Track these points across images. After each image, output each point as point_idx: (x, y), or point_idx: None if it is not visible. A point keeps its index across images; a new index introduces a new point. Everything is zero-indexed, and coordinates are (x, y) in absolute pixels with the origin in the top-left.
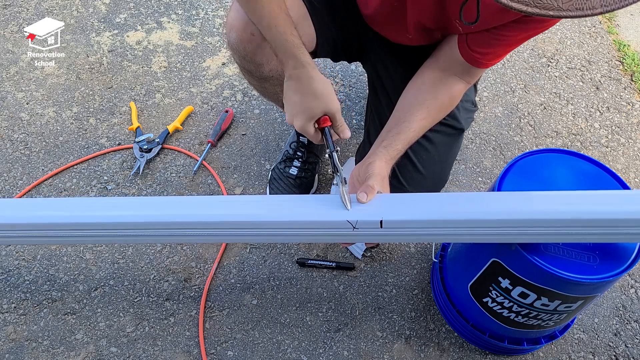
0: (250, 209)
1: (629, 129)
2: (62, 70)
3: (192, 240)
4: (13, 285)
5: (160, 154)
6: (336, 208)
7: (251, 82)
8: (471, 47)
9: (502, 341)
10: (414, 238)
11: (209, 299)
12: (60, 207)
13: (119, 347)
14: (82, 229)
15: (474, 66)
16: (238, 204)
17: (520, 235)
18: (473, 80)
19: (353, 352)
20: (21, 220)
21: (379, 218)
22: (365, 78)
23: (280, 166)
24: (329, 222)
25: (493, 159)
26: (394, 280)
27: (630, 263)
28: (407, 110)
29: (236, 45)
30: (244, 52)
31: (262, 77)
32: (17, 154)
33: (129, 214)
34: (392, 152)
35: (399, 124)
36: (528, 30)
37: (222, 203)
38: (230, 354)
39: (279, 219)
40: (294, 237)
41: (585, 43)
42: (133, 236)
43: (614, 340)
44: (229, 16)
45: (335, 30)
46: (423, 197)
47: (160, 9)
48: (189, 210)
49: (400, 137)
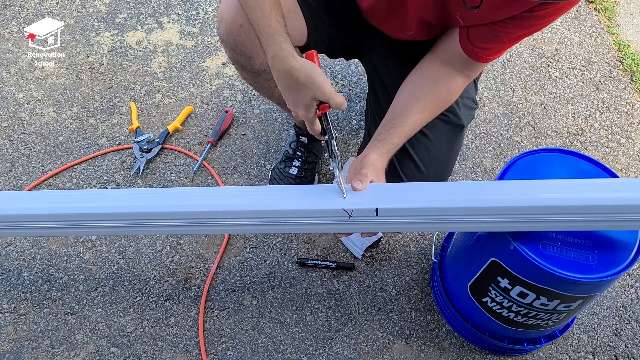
0: (246, 198)
1: (629, 129)
2: (62, 70)
3: (185, 231)
4: (13, 285)
5: (160, 154)
6: (332, 197)
7: (244, 77)
8: (472, 41)
9: (502, 341)
10: (410, 227)
11: (209, 299)
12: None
13: (119, 347)
14: (85, 220)
15: (475, 60)
16: (233, 194)
17: (516, 223)
18: (473, 75)
19: (353, 352)
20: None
21: (374, 206)
22: (365, 78)
23: (280, 166)
24: (325, 211)
25: (493, 159)
26: (394, 280)
27: (629, 262)
28: (404, 104)
29: (225, 37)
30: (234, 44)
31: (253, 70)
32: (17, 154)
33: (129, 204)
34: (387, 146)
35: (395, 117)
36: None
37: (217, 193)
38: (230, 354)
39: (275, 208)
40: (289, 227)
41: (585, 43)
42: (129, 227)
43: (614, 340)
44: (219, 8)
45: (332, 27)
46: (418, 186)
47: (160, 9)
48: (185, 200)
49: (396, 131)
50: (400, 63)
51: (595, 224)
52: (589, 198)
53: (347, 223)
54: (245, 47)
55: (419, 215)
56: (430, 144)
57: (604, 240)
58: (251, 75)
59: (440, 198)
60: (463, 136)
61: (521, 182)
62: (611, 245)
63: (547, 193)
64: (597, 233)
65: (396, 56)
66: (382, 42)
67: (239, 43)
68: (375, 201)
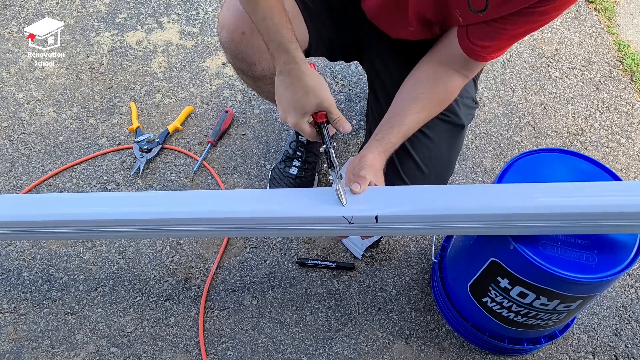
0: (245, 203)
1: (629, 129)
2: (62, 70)
3: (184, 235)
4: (13, 285)
5: (160, 154)
6: (332, 203)
7: (245, 81)
8: (472, 40)
9: (502, 341)
10: (409, 232)
11: (209, 299)
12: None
13: (119, 347)
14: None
15: (474, 59)
16: (232, 198)
17: (515, 228)
18: (471, 75)
19: (353, 352)
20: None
21: (374, 213)
22: (365, 78)
23: (280, 166)
24: (325, 218)
25: (493, 159)
26: (394, 280)
27: (629, 262)
28: (403, 103)
29: (227, 44)
30: (236, 51)
31: (254, 76)
32: (17, 154)
33: (128, 210)
34: (385, 145)
35: (393, 117)
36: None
37: (216, 197)
38: (230, 354)
39: (275, 215)
40: (289, 232)
41: (585, 43)
42: (127, 232)
43: (614, 340)
44: (221, 14)
45: (332, 29)
46: (417, 190)
47: (160, 9)
48: (183, 206)
49: (394, 130)
50: (400, 63)
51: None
52: (589, 205)
53: (346, 229)
54: (246, 54)
55: (418, 222)
56: (431, 143)
57: (604, 240)
58: (252, 81)
59: (439, 204)
60: (464, 136)
61: (521, 186)
62: (611, 245)
63: (547, 197)
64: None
65: (396, 56)
66: (382, 42)
67: (241, 50)
68: (375, 208)
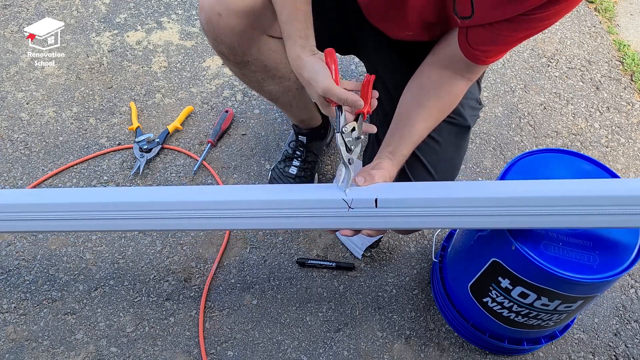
0: (247, 194)
1: (629, 129)
2: (62, 70)
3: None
4: (13, 285)
5: (160, 154)
6: (332, 189)
7: (231, 69)
8: (471, 44)
9: (502, 341)
10: (411, 221)
11: (209, 299)
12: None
13: (119, 347)
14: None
15: (475, 63)
16: (232, 190)
17: (517, 216)
18: (474, 78)
19: (353, 352)
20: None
21: (374, 196)
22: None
23: (280, 166)
24: (324, 201)
25: (493, 159)
26: (394, 280)
27: (630, 263)
28: (410, 112)
29: (206, 26)
30: (214, 34)
31: (237, 61)
32: (17, 154)
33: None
34: (398, 158)
35: (402, 127)
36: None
37: (216, 189)
38: (230, 354)
39: (273, 198)
40: (288, 220)
41: (585, 43)
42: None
43: (614, 340)
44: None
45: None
46: (420, 184)
47: (160, 9)
48: (182, 193)
49: (405, 141)
50: (400, 63)
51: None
52: (590, 189)
53: (346, 215)
54: (225, 36)
55: (420, 207)
56: (438, 146)
57: (605, 241)
58: (237, 67)
59: (440, 190)
60: (469, 137)
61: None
62: (612, 246)
63: (549, 186)
64: (598, 234)
65: (397, 56)
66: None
67: (219, 32)
68: (375, 192)
